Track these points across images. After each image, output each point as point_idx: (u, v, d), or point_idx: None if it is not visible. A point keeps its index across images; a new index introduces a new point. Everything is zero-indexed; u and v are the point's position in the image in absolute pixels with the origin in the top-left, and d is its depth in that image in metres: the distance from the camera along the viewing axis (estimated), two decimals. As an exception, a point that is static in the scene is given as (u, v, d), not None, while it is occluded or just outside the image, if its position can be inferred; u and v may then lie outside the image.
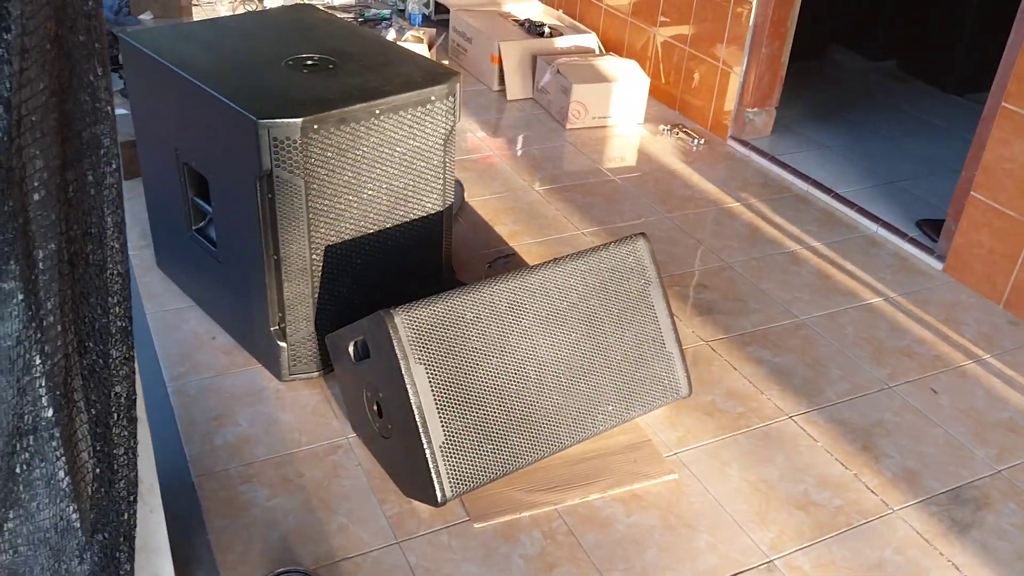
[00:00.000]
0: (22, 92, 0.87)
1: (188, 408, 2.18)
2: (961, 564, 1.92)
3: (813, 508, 2.04)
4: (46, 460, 1.02)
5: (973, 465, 2.20)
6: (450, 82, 2.19)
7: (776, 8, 3.57)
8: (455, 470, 1.85)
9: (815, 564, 1.90)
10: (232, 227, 2.21)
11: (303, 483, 2.00)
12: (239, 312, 2.33)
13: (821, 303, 2.80)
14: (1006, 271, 2.81)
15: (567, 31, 4.37)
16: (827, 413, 2.33)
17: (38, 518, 1.05)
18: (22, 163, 0.89)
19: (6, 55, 0.84)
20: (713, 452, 2.17)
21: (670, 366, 2.17)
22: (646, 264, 2.16)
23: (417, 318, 1.85)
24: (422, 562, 1.83)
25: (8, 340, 0.93)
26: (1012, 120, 2.73)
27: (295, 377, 2.27)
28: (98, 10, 1.03)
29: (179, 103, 2.19)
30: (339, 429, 2.15)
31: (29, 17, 0.86)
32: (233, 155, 2.05)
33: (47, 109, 0.92)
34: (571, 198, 3.32)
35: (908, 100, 4.47)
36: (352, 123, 2.04)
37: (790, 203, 3.42)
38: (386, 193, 2.20)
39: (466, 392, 1.88)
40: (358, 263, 2.23)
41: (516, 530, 1.92)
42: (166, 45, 2.25)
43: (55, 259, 0.96)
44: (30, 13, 0.86)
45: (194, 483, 1.97)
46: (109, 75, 1.05)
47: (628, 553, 1.89)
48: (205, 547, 1.83)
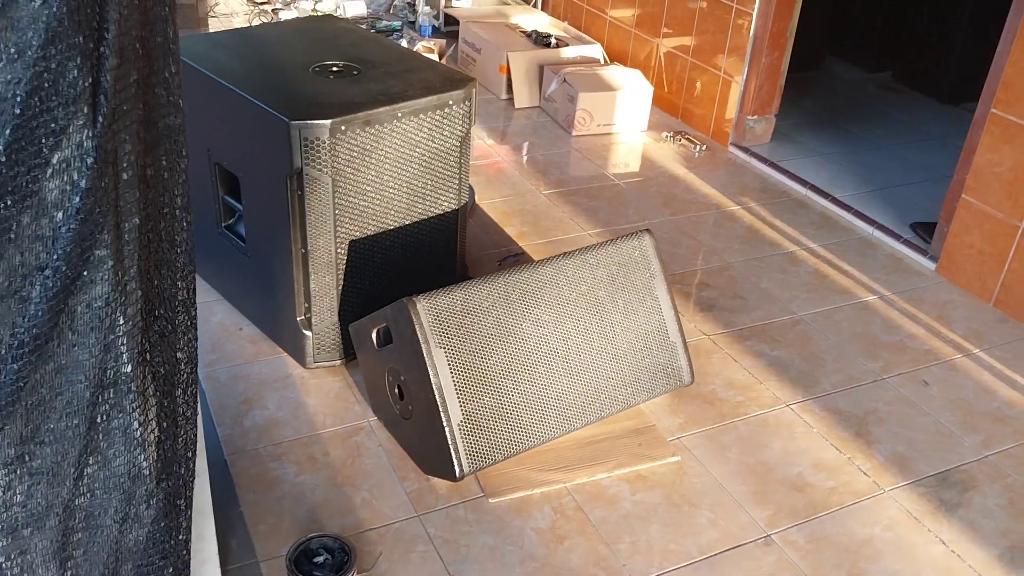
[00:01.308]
0: (117, 84, 1.00)
1: (219, 393, 2.31)
2: (948, 540, 2.05)
3: (808, 488, 2.16)
4: (123, 412, 1.15)
5: (961, 451, 2.33)
6: (467, 87, 2.33)
7: (775, 20, 3.72)
8: (472, 447, 1.98)
9: (809, 539, 2.02)
10: (262, 223, 2.34)
11: (328, 461, 2.12)
12: (266, 304, 2.47)
13: (818, 301, 2.93)
14: (995, 271, 2.94)
15: (573, 42, 4.52)
16: (822, 402, 2.46)
17: (114, 464, 1.18)
18: (115, 146, 1.03)
19: (107, 52, 0.98)
20: (713, 437, 2.30)
21: (673, 355, 2.30)
22: (651, 258, 2.30)
23: (437, 305, 1.98)
24: (440, 533, 1.95)
25: (98, 301, 1.06)
26: (1000, 126, 2.87)
27: (319, 365, 2.40)
28: (173, 15, 1.17)
29: (213, 107, 2.33)
30: (361, 413, 2.28)
31: (124, 21, 1.00)
32: (265, 155, 2.19)
33: (135, 100, 1.06)
34: (577, 201, 3.46)
35: (903, 109, 4.61)
36: (376, 125, 2.18)
37: (788, 207, 3.55)
38: (406, 191, 2.33)
39: (482, 375, 2.01)
40: (379, 257, 2.36)
41: (528, 506, 2.04)
42: (200, 53, 2.39)
43: (137, 232, 1.10)
44: (125, 17, 1.00)
45: (227, 461, 2.10)
46: (181, 73, 1.19)
47: (634, 527, 2.01)
48: (239, 519, 1.95)
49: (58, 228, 0.99)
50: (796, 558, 1.96)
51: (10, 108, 0.91)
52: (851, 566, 1.96)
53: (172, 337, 1.23)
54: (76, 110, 0.95)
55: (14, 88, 0.91)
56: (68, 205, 0.99)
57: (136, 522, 1.23)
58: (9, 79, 0.90)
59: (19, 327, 1.02)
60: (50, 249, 1.00)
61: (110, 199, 1.03)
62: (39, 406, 1.07)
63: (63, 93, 0.94)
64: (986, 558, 2.00)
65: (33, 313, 1.01)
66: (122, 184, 1.06)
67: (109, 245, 1.04)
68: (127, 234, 1.08)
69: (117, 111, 1.02)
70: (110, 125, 1.00)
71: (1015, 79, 2.79)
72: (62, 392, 1.08)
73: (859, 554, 1.99)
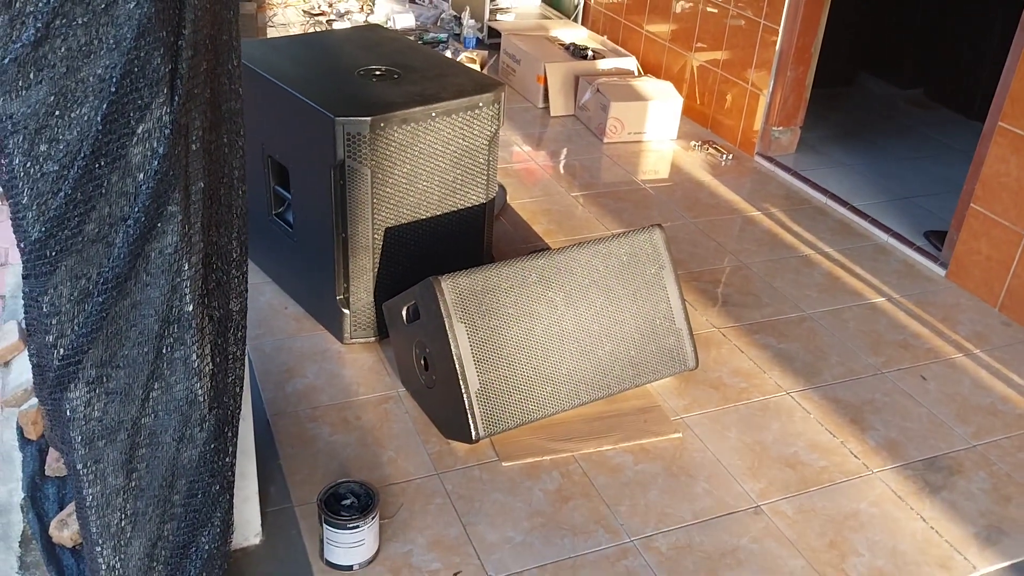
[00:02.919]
0: (191, 72, 1.24)
1: (264, 362, 2.55)
2: (928, 517, 2.19)
3: (801, 466, 2.32)
4: (184, 344, 1.38)
5: (951, 439, 2.46)
6: (496, 91, 2.55)
7: (800, 36, 3.88)
8: (487, 413, 2.18)
9: (797, 510, 2.18)
10: (308, 210, 2.59)
11: (360, 424, 2.35)
12: (309, 284, 2.71)
13: (828, 300, 3.08)
14: (1001, 277, 3.06)
15: (609, 54, 4.72)
16: (822, 391, 2.61)
17: (175, 390, 1.41)
18: (187, 122, 1.26)
19: (184, 45, 1.21)
20: (715, 418, 2.47)
21: (679, 340, 2.48)
22: (661, 251, 2.49)
23: (460, 284, 2.20)
24: (457, 489, 2.16)
25: (169, 249, 1.29)
26: (1008, 138, 3.00)
27: (355, 341, 2.64)
28: (236, 17, 1.40)
29: (267, 104, 2.58)
30: (391, 384, 2.50)
31: (198, 20, 1.24)
32: (312, 148, 2.43)
33: (204, 86, 1.29)
34: (603, 203, 3.66)
35: (931, 125, 4.72)
36: (412, 123, 2.41)
37: (808, 214, 3.71)
38: (438, 185, 2.56)
39: (499, 349, 2.22)
40: (412, 244, 2.58)
41: (538, 470, 2.24)
42: (258, 56, 2.65)
43: (202, 194, 1.33)
44: (199, 18, 1.24)
45: (269, 421, 2.34)
46: (241, 66, 1.43)
47: (634, 493, 2.19)
48: (277, 470, 2.18)
49: (139, 186, 1.23)
50: (783, 526, 2.13)
51: (108, 87, 1.15)
52: (834, 535, 2.12)
53: (227, 287, 1.47)
54: (158, 91, 1.19)
55: (111, 72, 1.15)
56: (148, 168, 1.22)
57: (191, 442, 1.46)
58: (108, 64, 1.14)
59: (104, 267, 1.26)
60: (132, 203, 1.24)
61: (181, 165, 1.27)
62: (116, 335, 1.31)
63: (148, 77, 1.17)
64: (963, 535, 2.14)
65: (116, 256, 1.25)
66: (191, 154, 1.29)
67: (179, 203, 1.28)
68: (194, 195, 1.31)
69: (190, 93, 1.25)
70: (184, 104, 1.24)
71: (1021, 93, 2.92)
72: (136, 324, 1.32)
73: (843, 525, 2.15)
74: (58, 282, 1.22)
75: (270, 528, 2.02)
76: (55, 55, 1.10)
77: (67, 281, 1.23)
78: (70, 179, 1.17)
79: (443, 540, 2.02)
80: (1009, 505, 2.24)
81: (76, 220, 1.20)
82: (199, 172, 1.31)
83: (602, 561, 2.00)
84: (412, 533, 2.03)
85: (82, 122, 1.16)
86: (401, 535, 2.02)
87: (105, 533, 1.46)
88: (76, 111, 1.15)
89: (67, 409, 1.32)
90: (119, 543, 1.47)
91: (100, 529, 1.45)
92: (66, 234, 1.20)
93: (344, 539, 1.88)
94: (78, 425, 1.33)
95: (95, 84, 1.14)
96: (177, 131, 1.23)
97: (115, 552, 1.48)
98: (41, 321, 1.25)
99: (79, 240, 1.21)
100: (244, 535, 1.96)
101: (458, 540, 2.02)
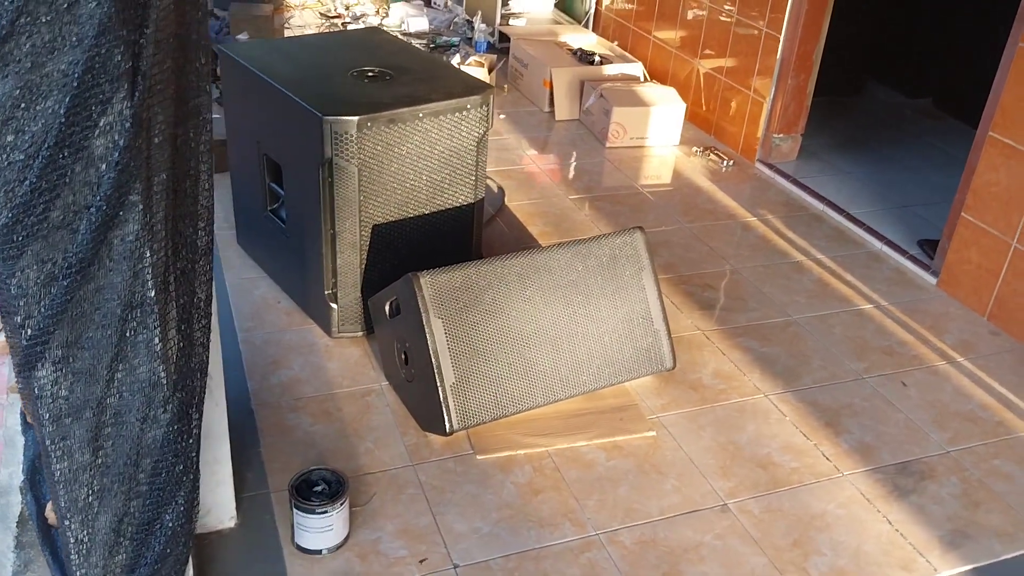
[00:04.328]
0: (153, 69, 1.31)
1: (252, 354, 2.63)
2: (895, 520, 2.21)
3: (772, 467, 2.35)
4: (147, 329, 1.45)
5: (926, 445, 2.48)
6: (484, 94, 2.61)
7: (802, 43, 3.90)
8: (462, 407, 2.24)
9: (764, 509, 2.21)
10: (299, 206, 2.66)
11: (340, 416, 2.41)
12: (300, 279, 2.78)
13: (816, 306, 3.10)
14: (990, 286, 3.07)
15: (616, 60, 4.77)
16: (800, 395, 2.64)
17: (138, 372, 1.48)
18: (149, 116, 1.33)
19: (146, 43, 1.28)
20: (692, 418, 2.51)
21: (657, 341, 2.52)
22: (641, 253, 2.53)
23: (438, 281, 2.26)
24: (430, 480, 2.22)
25: (130, 236, 1.36)
26: (997, 147, 3.01)
27: (343, 335, 2.70)
28: (205, 18, 1.47)
29: (263, 103, 2.66)
30: (375, 378, 2.57)
31: (161, 20, 1.31)
32: (302, 146, 2.51)
33: (168, 82, 1.36)
34: (600, 207, 3.70)
35: (937, 135, 4.71)
36: (400, 123, 2.47)
37: (804, 220, 3.73)
38: (426, 184, 2.62)
39: (475, 345, 2.27)
40: (400, 242, 2.65)
41: (511, 463, 2.29)
42: (256, 56, 2.73)
43: (164, 185, 1.40)
44: (162, 17, 1.31)
45: (253, 410, 2.41)
46: (210, 63, 1.50)
47: (603, 488, 2.24)
48: (256, 457, 2.25)
49: (102, 176, 1.30)
50: (748, 524, 2.16)
51: (71, 82, 1.22)
52: (799, 535, 2.15)
53: (192, 276, 1.54)
54: (119, 86, 1.26)
55: (74, 67, 1.22)
56: (110, 159, 1.29)
57: (155, 423, 1.53)
58: (71, 60, 1.21)
59: (69, 252, 1.33)
60: (95, 192, 1.30)
61: (143, 157, 1.33)
62: (81, 317, 1.38)
63: (110, 72, 1.24)
64: (928, 538, 2.16)
65: (80, 242, 1.32)
66: (154, 146, 1.36)
67: (141, 193, 1.34)
68: (156, 186, 1.38)
69: (152, 89, 1.32)
70: (145, 99, 1.30)
71: (1011, 104, 2.94)
72: (99, 307, 1.39)
73: (809, 525, 2.18)
74: (25, 265, 1.30)
75: (245, 512, 2.09)
76: (20, 51, 1.18)
77: (34, 265, 1.30)
78: (35, 168, 1.24)
79: (412, 529, 2.08)
80: (978, 510, 2.26)
81: (41, 207, 1.27)
82: (162, 164, 1.38)
83: (566, 553, 2.05)
84: (382, 521, 2.09)
85: (47, 114, 1.23)
86: (371, 522, 2.08)
87: (73, 507, 1.53)
88: (41, 104, 1.22)
89: (35, 387, 1.39)
90: (87, 517, 1.54)
91: (68, 503, 1.52)
92: (32, 220, 1.27)
93: (313, 524, 1.94)
94: (46, 403, 1.40)
95: (59, 79, 1.21)
96: (138, 124, 1.30)
97: (83, 526, 1.55)
98: (10, 303, 1.32)
99: (44, 226, 1.28)
100: (219, 518, 2.03)
101: (427, 529, 2.08)
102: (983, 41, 4.72)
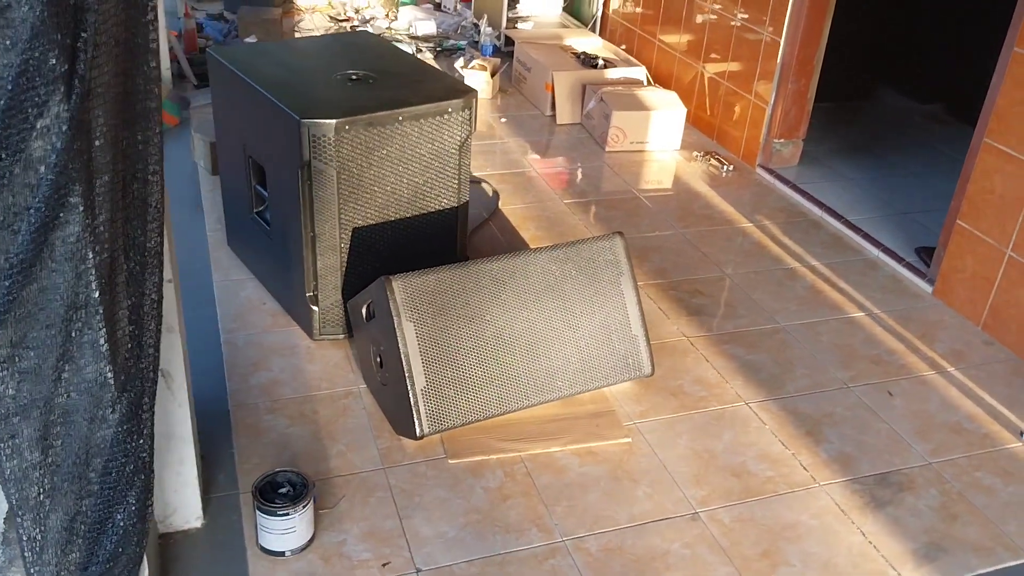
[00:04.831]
0: (93, 72, 1.32)
1: (233, 355, 2.65)
2: (868, 532, 2.18)
3: (747, 476, 2.33)
4: (92, 329, 1.46)
5: (908, 456, 2.44)
6: (466, 98, 2.61)
7: (802, 48, 3.87)
8: (433, 411, 2.24)
9: (735, 519, 2.19)
10: (281, 209, 2.67)
11: (316, 418, 2.42)
12: (284, 281, 2.80)
13: (805, 313, 3.07)
14: (985, 294, 3.01)
15: (620, 64, 4.75)
16: (782, 403, 2.61)
17: (85, 372, 1.49)
18: (89, 119, 1.35)
19: (84, 46, 1.29)
20: (669, 425, 2.49)
21: (634, 347, 2.50)
22: (620, 259, 2.51)
23: (411, 284, 2.26)
24: (400, 484, 2.22)
25: (71, 238, 1.37)
26: (992, 154, 2.96)
27: (324, 337, 2.71)
28: (155, 22, 1.49)
29: (247, 106, 2.68)
30: (354, 380, 2.57)
31: (101, 24, 1.32)
32: (283, 148, 2.52)
33: (110, 86, 1.37)
34: (594, 211, 3.68)
35: (946, 141, 4.64)
36: (379, 126, 2.48)
37: (802, 227, 3.68)
38: (408, 187, 2.62)
39: (448, 349, 2.27)
40: (381, 245, 2.65)
41: (484, 468, 2.29)
42: (243, 59, 2.75)
43: (108, 187, 1.41)
44: (101, 21, 1.32)
45: (229, 410, 2.42)
46: (160, 67, 1.51)
47: (574, 494, 2.23)
48: (229, 458, 2.27)
49: (41, 178, 1.31)
50: (718, 533, 2.14)
51: (5, 85, 1.24)
52: (768, 545, 2.12)
53: (141, 278, 1.55)
54: (54, 89, 1.27)
55: (8, 70, 1.23)
56: (48, 161, 1.31)
57: (103, 422, 1.54)
58: (4, 63, 1.23)
59: (11, 253, 1.34)
60: (35, 194, 1.32)
61: (83, 159, 1.35)
62: (26, 317, 1.40)
63: (44, 75, 1.26)
64: (901, 551, 2.13)
65: (21, 243, 1.34)
66: (95, 149, 1.37)
67: (81, 195, 1.36)
68: (98, 188, 1.39)
69: (91, 92, 1.33)
70: (82, 102, 1.32)
71: (1006, 110, 2.88)
72: (44, 308, 1.40)
73: (780, 536, 2.15)
74: (-33, 266, 1.31)
75: (214, 513, 2.11)
76: (-46, 55, 1.19)
77: (-25, 265, 1.32)
78: (-27, 170, 1.26)
79: (378, 532, 2.08)
80: (955, 524, 2.22)
81: (-19, 209, 1.28)
82: (105, 166, 1.39)
83: (530, 559, 2.04)
84: (348, 524, 2.09)
85: (-17, 117, 1.24)
86: (337, 525, 2.09)
87: (25, 505, 1.54)
88: (-23, 107, 1.23)
89: (-19, 386, 1.40)
90: (38, 516, 1.56)
91: (20, 501, 1.54)
92: (-29, 222, 1.28)
93: (275, 525, 1.95)
94: (-7, 401, 1.42)
95: (-6, 82, 1.23)
96: (77, 127, 1.31)
97: (35, 524, 1.56)
98: (-46, 302, 1.34)
99: (-15, 227, 1.30)
100: (185, 518, 2.04)
101: (392, 533, 2.08)
102: (994, 46, 4.65)
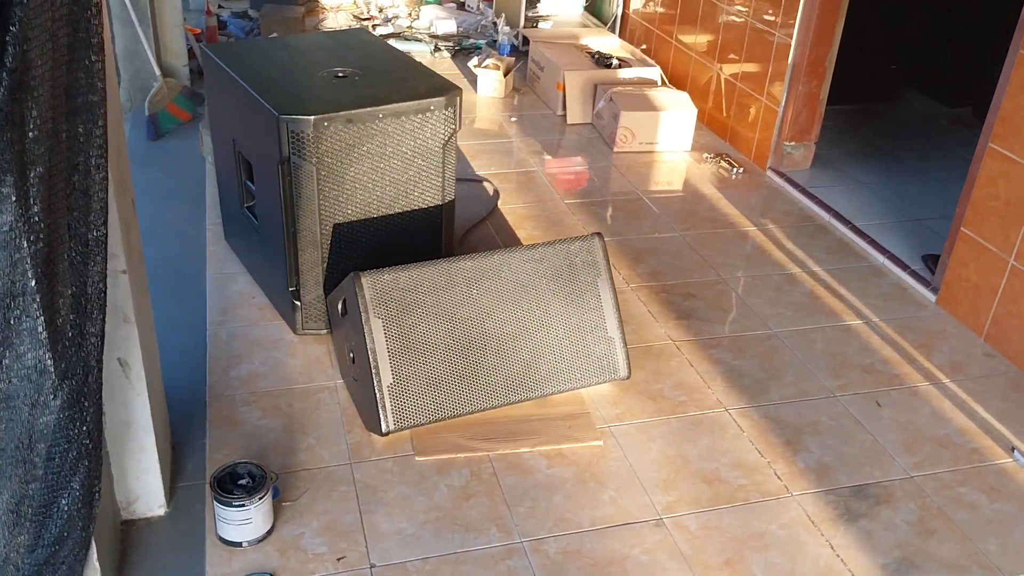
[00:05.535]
0: (22, 65, 1.35)
1: (217, 348, 2.68)
2: (838, 545, 2.12)
3: (718, 483, 2.29)
4: (30, 316, 1.49)
5: (889, 469, 2.38)
6: (449, 95, 2.61)
7: (812, 49, 3.79)
8: (399, 408, 2.24)
9: (701, 526, 2.15)
10: (266, 204, 2.70)
11: (290, 412, 2.44)
12: (270, 276, 2.82)
13: (800, 320, 3.00)
14: (988, 304, 2.92)
15: (635, 64, 4.71)
16: (764, 411, 2.56)
17: (24, 359, 1.52)
18: (21, 112, 1.37)
19: (12, 40, 1.32)
20: (643, 429, 2.46)
21: (610, 349, 2.47)
22: (598, 260, 2.49)
23: (381, 281, 2.26)
24: (365, 479, 2.22)
25: (5, 227, 1.40)
26: (997, 159, 2.87)
27: (307, 332, 2.73)
28: (99, 18, 1.51)
29: (235, 102, 2.71)
30: (332, 375, 2.59)
31: (31, 19, 1.34)
32: (265, 144, 2.54)
33: (42, 80, 1.40)
34: (595, 212, 3.66)
35: (970, 145, 4.49)
36: (358, 123, 2.49)
37: (807, 231, 3.61)
38: (390, 185, 2.63)
39: (416, 346, 2.27)
40: (363, 241, 2.66)
41: (450, 467, 2.28)
42: (234, 57, 2.79)
43: (42, 178, 1.44)
44: (32, 16, 1.34)
45: (206, 402, 2.45)
46: (104, 61, 1.53)
47: (538, 495, 2.21)
48: (200, 448, 2.30)
49: (-30, 169, 1.34)
50: (681, 540, 2.10)
51: (-69, 77, 1.27)
52: (732, 553, 2.08)
53: (83, 267, 1.57)
54: (-19, 81, 1.30)
55: (-66, 63, 1.26)
56: (-23, 152, 1.33)
57: (45, 408, 1.57)
58: (-70, 56, 1.26)
59: (-55, 241, 1.37)
60: (-35, 184, 1.35)
61: (15, 150, 1.37)
62: (-37, 304, 1.43)
63: (-30, 68, 1.28)
64: (870, 566, 2.07)
65: (-47, 231, 1.37)
66: (28, 140, 1.40)
67: (12, 186, 1.38)
68: (32, 179, 1.42)
69: (22, 84, 1.36)
70: (13, 94, 1.34)
71: (1012, 114, 2.79)
72: (-20, 295, 1.43)
73: (745, 545, 2.11)
74: (-97, 253, 1.34)
75: (179, 501, 2.14)
76: None
77: (-89, 253, 1.35)
78: (-97, 160, 1.29)
79: (336, 526, 2.09)
80: (930, 539, 2.15)
81: (-87, 197, 1.31)
82: (40, 158, 1.42)
83: (486, 559, 2.03)
84: (309, 517, 2.11)
85: (-88, 108, 1.27)
86: (297, 518, 2.10)
87: (-30, 488, 1.58)
88: (-95, 98, 1.26)
89: (-78, 370, 1.44)
90: (-17, 498, 1.59)
91: (-35, 484, 1.57)
92: (-96, 210, 1.31)
93: (232, 516, 1.97)
94: (-67, 386, 1.45)
95: (-79, 74, 1.26)
96: (6, 119, 1.34)
97: (-19, 506, 1.60)
98: None
99: (-83, 216, 1.33)
100: (148, 505, 2.07)
101: (351, 528, 2.09)
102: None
